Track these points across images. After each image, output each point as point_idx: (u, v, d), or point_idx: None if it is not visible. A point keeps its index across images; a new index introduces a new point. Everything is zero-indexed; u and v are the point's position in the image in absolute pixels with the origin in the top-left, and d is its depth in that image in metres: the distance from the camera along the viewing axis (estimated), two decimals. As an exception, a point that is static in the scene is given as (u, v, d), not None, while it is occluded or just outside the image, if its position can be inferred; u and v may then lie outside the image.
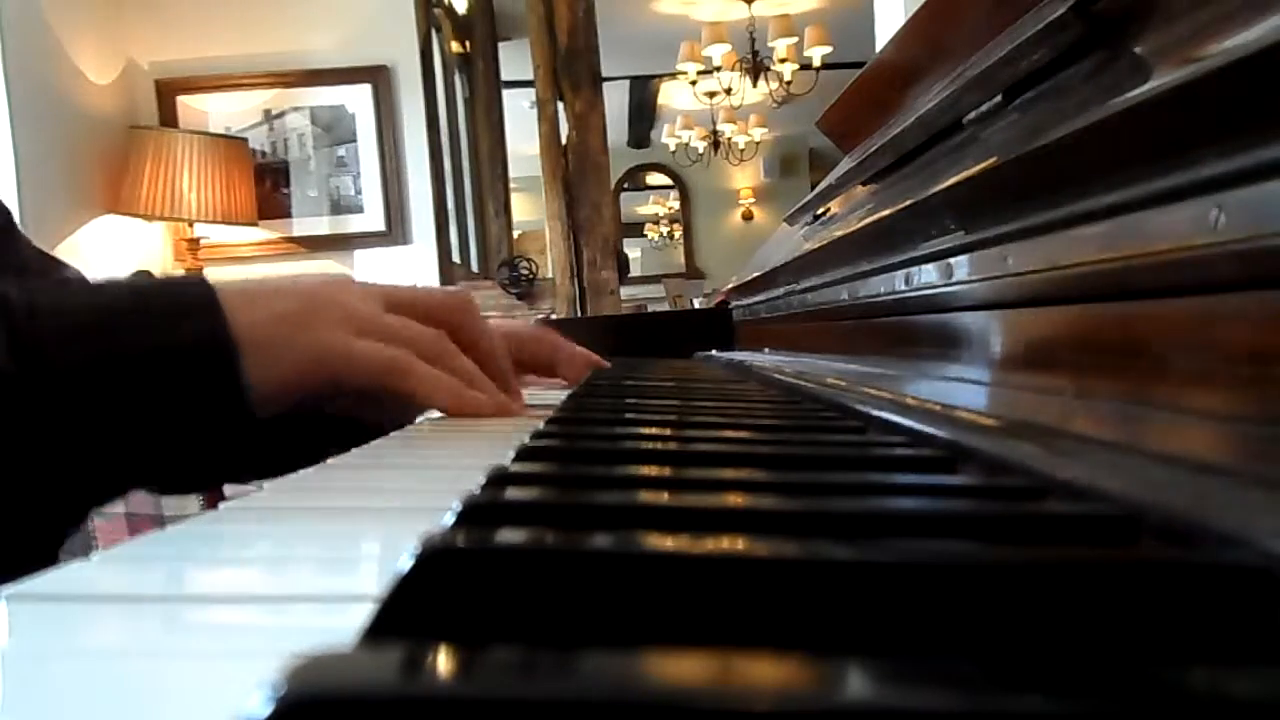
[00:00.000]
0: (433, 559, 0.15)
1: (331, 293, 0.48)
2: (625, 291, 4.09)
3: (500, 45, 4.34)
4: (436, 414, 0.55)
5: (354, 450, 0.39)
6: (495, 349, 0.54)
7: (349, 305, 0.48)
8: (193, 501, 1.86)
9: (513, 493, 0.24)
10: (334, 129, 3.15)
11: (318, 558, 0.24)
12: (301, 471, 0.35)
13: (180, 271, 2.95)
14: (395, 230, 3.15)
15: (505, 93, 4.26)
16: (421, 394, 0.48)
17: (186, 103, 3.12)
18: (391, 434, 0.47)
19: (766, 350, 1.08)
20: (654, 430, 0.43)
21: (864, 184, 0.74)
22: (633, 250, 8.25)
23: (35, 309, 0.42)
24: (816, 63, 5.38)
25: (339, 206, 3.16)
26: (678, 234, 8.96)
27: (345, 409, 0.53)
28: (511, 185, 4.28)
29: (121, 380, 0.42)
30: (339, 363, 0.46)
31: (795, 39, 5.43)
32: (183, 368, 0.43)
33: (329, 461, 0.37)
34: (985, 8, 0.53)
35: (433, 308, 0.52)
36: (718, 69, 5.72)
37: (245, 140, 3.06)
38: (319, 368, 0.46)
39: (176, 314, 0.44)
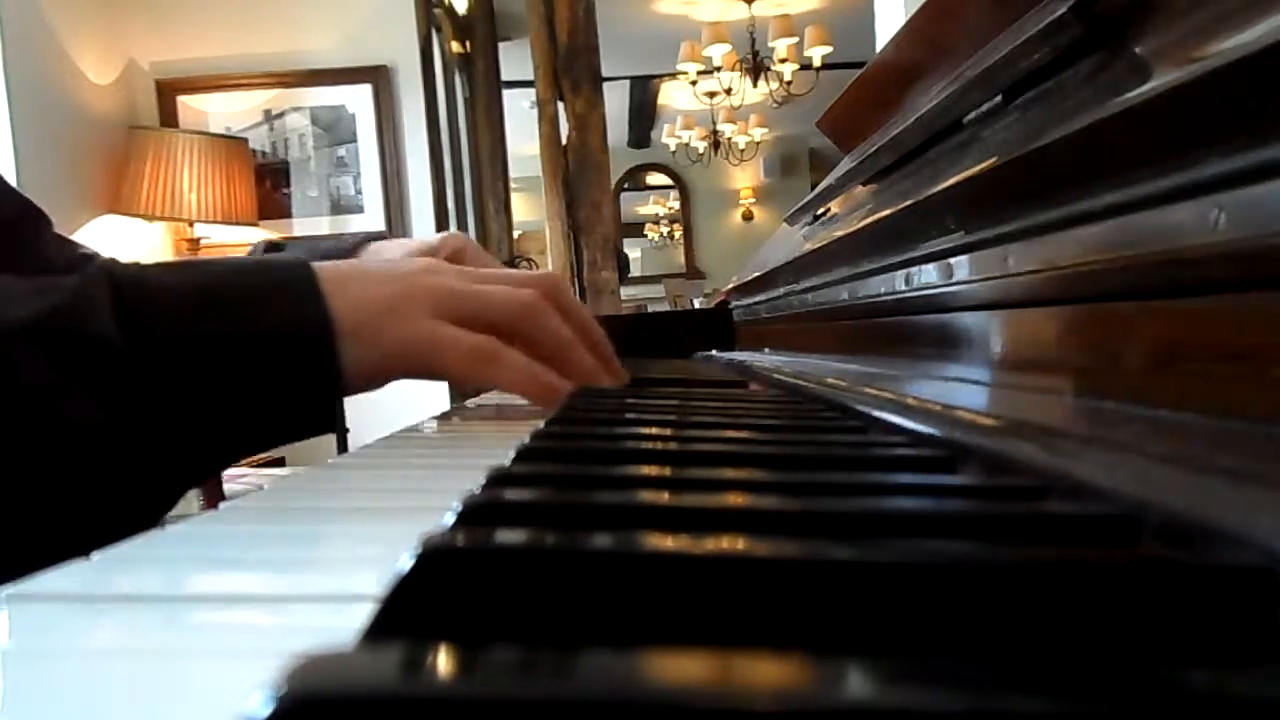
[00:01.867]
0: (433, 559, 0.15)
1: (425, 278, 0.48)
2: (625, 291, 4.09)
3: (500, 45, 4.34)
4: (439, 413, 0.55)
5: (354, 450, 0.39)
6: (588, 321, 0.55)
7: (441, 290, 0.48)
8: (193, 501, 1.86)
9: (512, 493, 0.24)
10: (334, 129, 3.15)
11: (318, 558, 0.24)
12: (301, 471, 0.35)
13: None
14: (395, 230, 3.15)
15: (505, 93, 4.26)
16: (505, 382, 0.49)
17: (186, 103, 3.12)
18: (391, 434, 0.47)
19: (767, 350, 1.08)
20: (654, 430, 0.43)
21: (864, 184, 0.74)
22: (633, 250, 8.26)
23: (144, 281, 0.43)
24: (816, 63, 5.38)
25: (339, 206, 3.16)
26: (678, 234, 8.96)
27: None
28: (511, 185, 4.28)
29: (225, 359, 0.42)
30: (430, 351, 0.47)
31: (795, 39, 5.43)
32: (285, 350, 0.43)
33: (329, 461, 0.37)
34: (985, 8, 0.53)
35: (525, 282, 0.52)
36: (718, 69, 5.72)
37: (245, 140, 3.06)
38: (410, 355, 0.46)
39: (280, 296, 0.44)
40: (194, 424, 0.42)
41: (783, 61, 5.56)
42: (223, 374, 0.42)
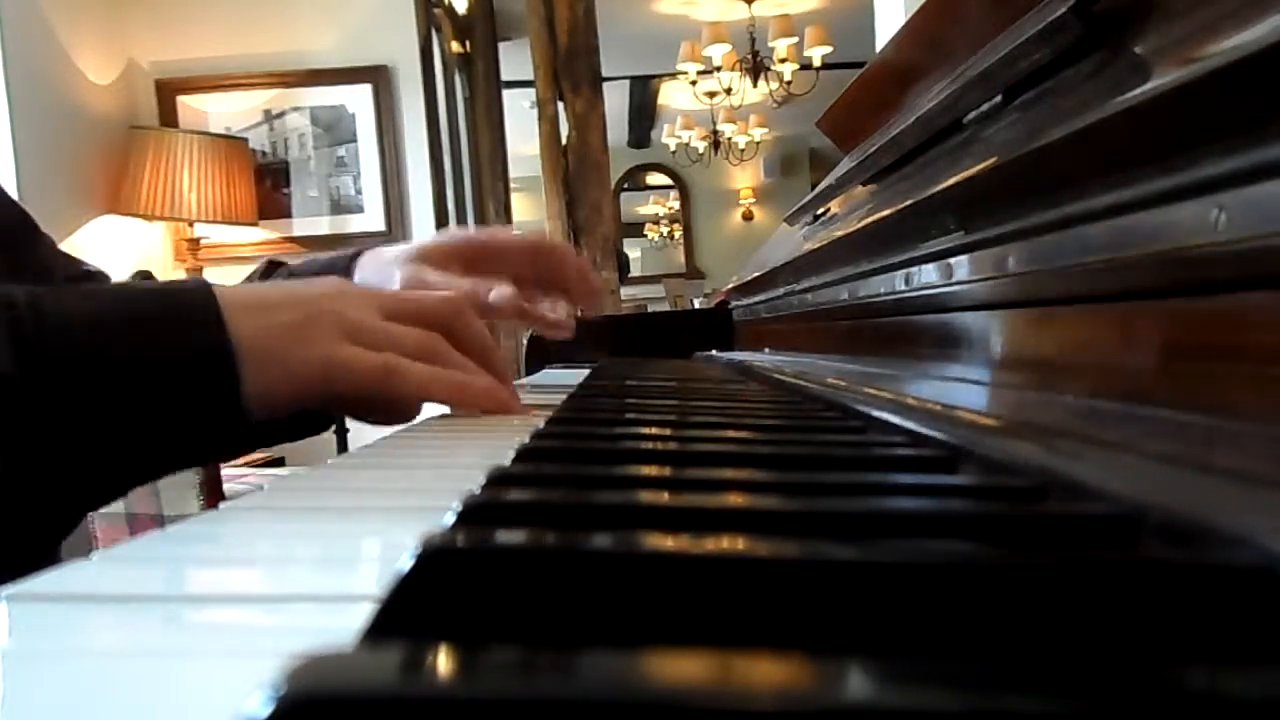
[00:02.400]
0: (433, 559, 0.15)
1: (328, 302, 0.48)
2: (625, 291, 4.09)
3: (500, 45, 4.33)
4: (439, 414, 0.55)
5: (354, 450, 0.39)
6: (490, 349, 0.55)
7: (344, 314, 0.48)
8: (193, 501, 1.86)
9: (513, 493, 0.24)
10: (334, 129, 3.15)
11: (318, 558, 0.24)
12: (301, 471, 0.35)
13: (181, 272, 2.96)
14: (395, 230, 3.15)
15: (505, 93, 4.26)
16: (415, 391, 0.49)
17: (186, 103, 3.12)
18: (391, 433, 0.47)
19: (766, 350, 1.08)
20: (654, 430, 0.43)
21: (864, 184, 0.74)
22: (633, 250, 8.25)
23: (40, 312, 0.42)
24: (816, 63, 5.38)
25: (339, 206, 3.16)
26: (678, 234, 8.96)
27: (351, 415, 0.53)
28: (511, 185, 4.28)
29: (123, 387, 0.42)
30: (334, 372, 0.47)
31: (795, 39, 5.43)
32: (184, 377, 0.43)
33: (329, 461, 0.37)
34: (985, 8, 0.53)
35: (426, 312, 0.52)
36: (718, 69, 5.72)
37: (245, 140, 3.06)
38: (315, 378, 0.46)
39: (180, 322, 0.44)
40: (92, 450, 0.42)
41: (783, 61, 5.56)
42: (120, 401, 0.42)
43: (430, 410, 0.54)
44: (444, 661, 0.12)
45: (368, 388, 0.47)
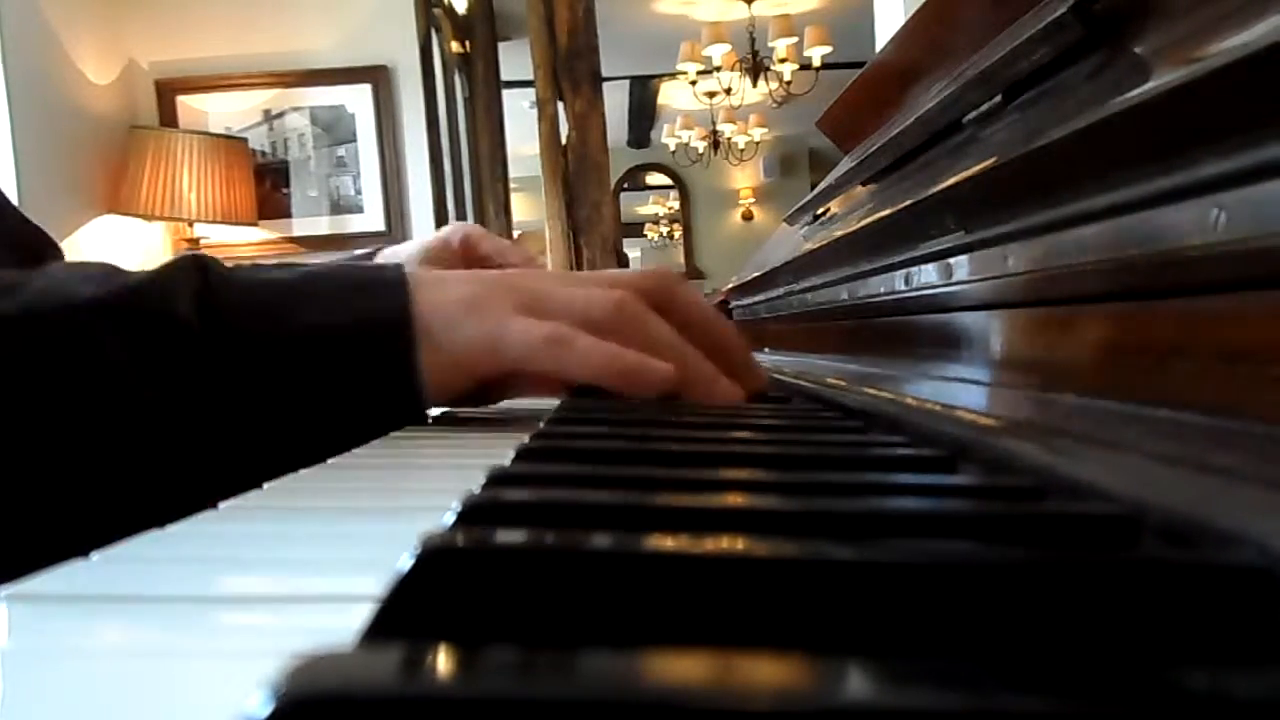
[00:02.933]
0: (433, 559, 0.15)
1: (508, 278, 0.47)
2: (625, 291, 4.07)
3: (500, 45, 4.33)
4: (439, 411, 0.55)
5: (354, 450, 0.39)
6: (707, 322, 0.50)
7: (522, 288, 0.46)
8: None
9: (513, 493, 0.24)
10: (334, 129, 3.15)
11: (318, 558, 0.24)
12: (301, 471, 0.35)
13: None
14: (395, 230, 3.15)
15: (505, 93, 4.26)
16: (579, 366, 0.44)
17: (186, 103, 3.12)
18: (391, 434, 0.47)
19: (766, 350, 1.08)
20: (653, 430, 0.43)
21: (864, 184, 0.74)
22: (633, 250, 8.25)
23: (230, 277, 0.43)
24: (816, 63, 5.38)
25: (339, 206, 3.16)
26: (678, 234, 8.96)
27: (522, 393, 0.51)
28: (511, 185, 4.28)
29: (295, 354, 0.42)
30: (499, 341, 0.44)
31: (795, 39, 5.43)
32: (357, 345, 0.43)
33: (329, 461, 0.37)
34: (985, 8, 0.53)
35: (623, 283, 0.48)
36: (718, 69, 5.72)
37: (245, 140, 3.06)
38: (482, 350, 0.44)
39: (363, 294, 0.44)
40: (265, 419, 0.42)
41: (782, 61, 5.56)
42: (294, 369, 0.42)
43: (431, 409, 0.54)
44: (444, 661, 0.12)
45: (532, 357, 0.44)
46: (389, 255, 0.71)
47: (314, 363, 0.42)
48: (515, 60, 4.25)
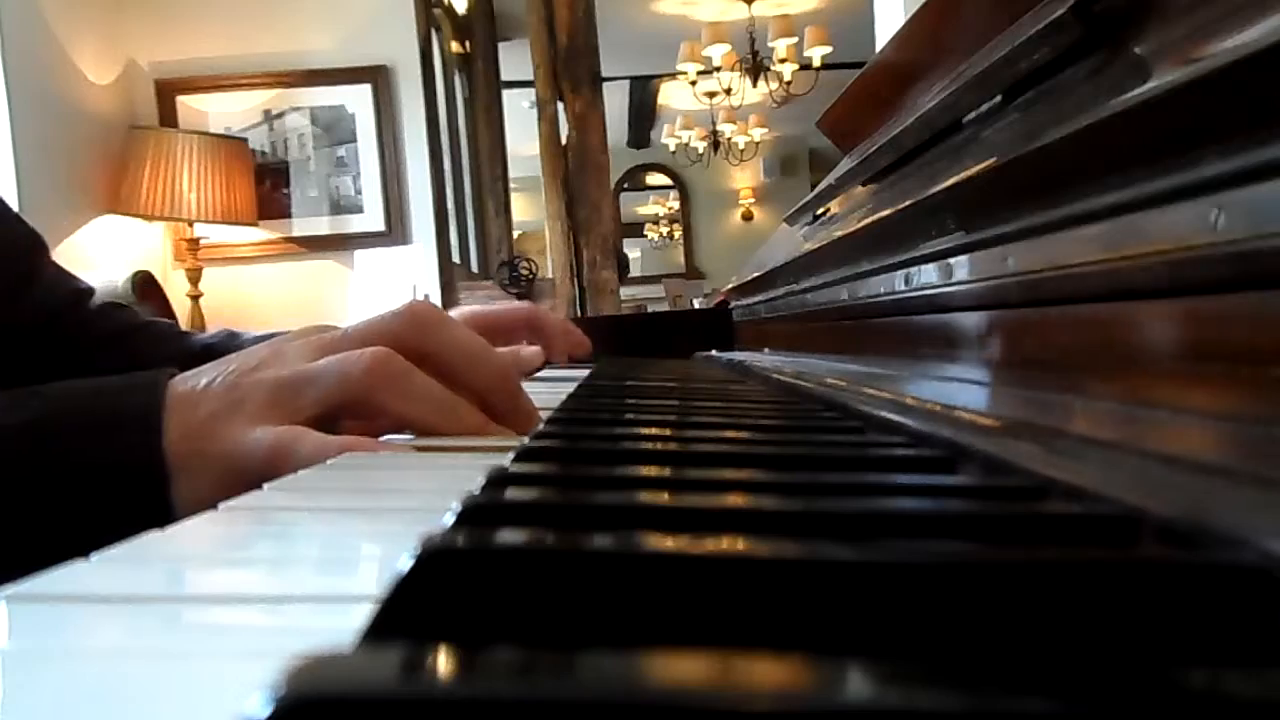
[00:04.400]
0: (433, 559, 0.15)
1: (262, 372, 0.44)
2: (625, 291, 4.09)
3: (500, 45, 4.34)
4: None
5: (354, 450, 0.39)
6: (474, 357, 0.47)
7: (271, 380, 0.44)
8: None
9: (512, 493, 0.24)
10: (334, 129, 3.15)
11: (318, 558, 0.24)
12: (301, 472, 0.35)
13: (181, 272, 2.95)
14: (395, 230, 3.15)
15: (505, 93, 4.26)
16: (310, 461, 0.41)
17: (186, 103, 3.12)
18: (390, 435, 0.47)
19: (766, 350, 1.08)
20: (654, 430, 0.43)
21: (864, 184, 0.74)
22: (633, 250, 8.25)
23: None
24: (816, 63, 5.38)
25: (339, 206, 3.16)
26: (678, 234, 8.97)
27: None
28: (511, 185, 4.28)
29: (44, 492, 0.41)
30: (236, 462, 0.42)
31: (795, 39, 5.43)
32: (112, 488, 0.41)
33: (329, 462, 0.37)
34: (985, 8, 0.53)
35: (374, 335, 0.45)
36: (718, 69, 5.72)
37: (245, 140, 3.06)
38: (231, 476, 0.42)
39: (113, 430, 0.42)
40: (14, 540, 0.41)
41: (782, 61, 5.56)
42: (45, 505, 0.41)
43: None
44: (444, 662, 0.12)
45: (273, 468, 0.41)
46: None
47: (63, 502, 0.41)
48: (515, 60, 4.26)
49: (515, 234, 4.55)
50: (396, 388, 0.43)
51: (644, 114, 7.88)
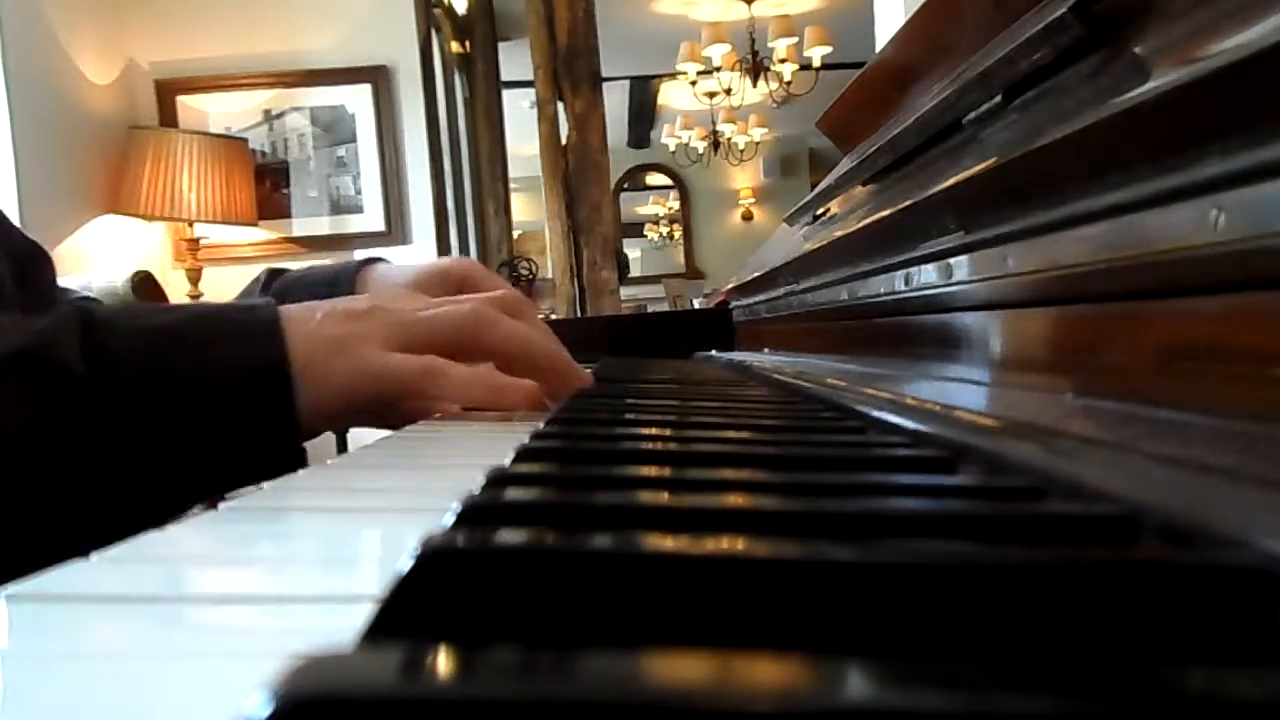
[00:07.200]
0: (433, 559, 0.15)
1: (376, 311, 0.51)
2: (625, 291, 4.09)
3: (500, 45, 4.33)
4: (438, 414, 0.55)
5: (354, 451, 0.39)
6: (528, 344, 0.55)
7: (385, 322, 0.50)
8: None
9: (513, 493, 0.24)
10: (334, 129, 3.15)
11: (318, 558, 0.24)
12: (301, 472, 0.35)
13: (180, 272, 2.96)
14: (395, 230, 3.15)
15: (505, 93, 4.26)
16: (451, 390, 0.50)
17: (186, 103, 3.12)
18: (391, 434, 0.47)
19: (766, 350, 1.08)
20: (654, 430, 0.43)
21: (864, 184, 0.74)
22: (633, 250, 8.25)
23: (113, 322, 0.45)
24: (816, 63, 5.38)
25: (339, 206, 3.16)
26: (678, 234, 8.96)
27: (389, 424, 0.55)
28: (511, 185, 4.28)
29: (178, 396, 0.44)
30: (376, 379, 0.49)
31: (795, 39, 5.43)
32: (238, 389, 0.45)
33: (329, 462, 0.37)
34: (985, 8, 0.53)
35: (474, 297, 0.53)
36: (718, 69, 5.72)
37: (245, 140, 3.06)
38: (360, 388, 0.48)
39: (239, 337, 0.47)
40: (150, 460, 0.44)
41: (782, 61, 5.56)
42: (178, 412, 0.44)
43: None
44: (444, 662, 0.12)
45: (410, 389, 0.49)
46: (380, 275, 0.71)
47: (196, 407, 0.45)
48: (515, 60, 4.26)
49: (515, 234, 4.55)
50: (494, 324, 0.52)
51: (644, 114, 7.88)
